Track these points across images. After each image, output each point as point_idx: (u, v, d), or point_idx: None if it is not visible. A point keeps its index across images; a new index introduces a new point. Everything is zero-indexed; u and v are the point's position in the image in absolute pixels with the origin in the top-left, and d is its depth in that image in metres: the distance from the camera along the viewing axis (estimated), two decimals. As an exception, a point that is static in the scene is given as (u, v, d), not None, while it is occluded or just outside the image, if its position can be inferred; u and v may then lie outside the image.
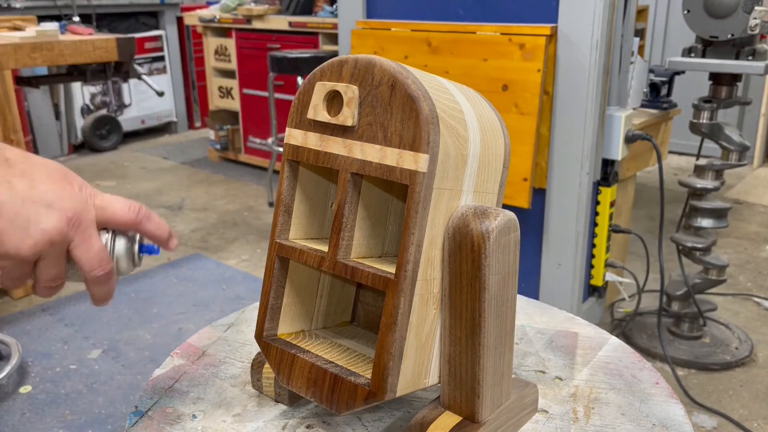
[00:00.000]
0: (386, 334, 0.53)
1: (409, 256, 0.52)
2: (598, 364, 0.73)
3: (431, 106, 0.52)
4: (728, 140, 2.04)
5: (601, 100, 1.83)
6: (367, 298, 0.69)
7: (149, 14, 5.38)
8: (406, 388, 0.55)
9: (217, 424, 0.63)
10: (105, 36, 2.29)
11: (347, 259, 0.57)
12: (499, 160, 0.61)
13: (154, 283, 2.79)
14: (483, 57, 1.86)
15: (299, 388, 0.58)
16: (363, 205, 0.58)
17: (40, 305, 2.60)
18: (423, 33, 1.98)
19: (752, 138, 4.27)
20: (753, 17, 1.81)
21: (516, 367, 0.73)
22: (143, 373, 2.14)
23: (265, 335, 0.61)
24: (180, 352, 0.75)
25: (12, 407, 1.97)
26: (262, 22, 4.07)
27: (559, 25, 1.78)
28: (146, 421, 0.63)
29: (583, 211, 1.90)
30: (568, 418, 0.63)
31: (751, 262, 2.95)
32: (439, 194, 0.54)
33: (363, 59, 0.55)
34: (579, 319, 0.84)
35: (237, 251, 3.13)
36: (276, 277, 0.61)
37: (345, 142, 0.56)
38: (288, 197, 0.61)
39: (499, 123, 0.62)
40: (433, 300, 0.56)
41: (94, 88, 4.83)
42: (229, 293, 2.69)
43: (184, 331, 2.38)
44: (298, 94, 0.60)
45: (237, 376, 0.71)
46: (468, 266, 0.54)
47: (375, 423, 0.63)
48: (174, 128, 5.53)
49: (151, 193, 4.00)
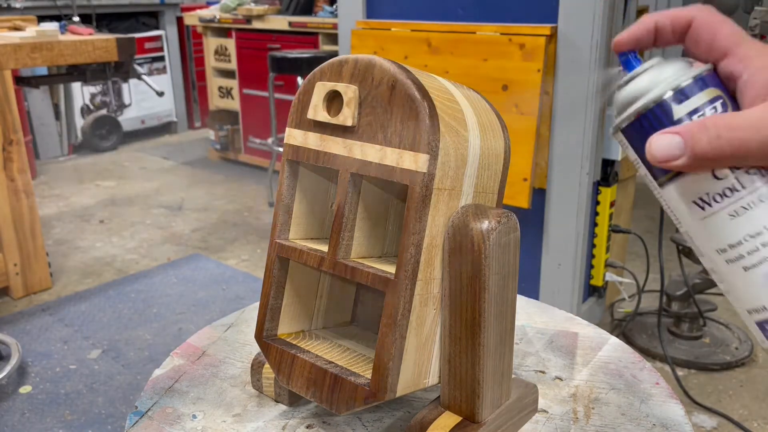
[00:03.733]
0: (386, 334, 0.53)
1: (408, 256, 0.52)
2: (598, 364, 0.73)
3: (431, 106, 0.52)
4: (728, 140, 2.05)
5: (601, 100, 1.83)
6: (367, 298, 0.69)
7: (149, 14, 5.38)
8: (406, 388, 0.55)
9: (217, 424, 0.63)
10: (105, 36, 2.29)
11: (347, 259, 0.57)
12: (499, 160, 0.61)
13: (154, 283, 2.79)
14: (483, 57, 1.86)
15: (299, 388, 0.58)
16: (363, 205, 0.58)
17: (40, 305, 2.60)
18: (423, 33, 1.98)
19: (752, 138, 4.27)
20: (753, 17, 1.81)
21: (516, 367, 0.73)
22: (143, 373, 2.14)
23: (265, 335, 0.61)
24: (180, 352, 0.75)
25: (12, 407, 1.97)
26: (262, 22, 4.07)
27: (559, 25, 1.78)
28: (146, 421, 0.63)
29: (583, 211, 1.90)
30: (568, 418, 0.63)
31: (751, 262, 2.95)
32: (439, 194, 0.54)
33: (363, 59, 0.55)
34: (579, 319, 0.84)
35: (237, 251, 3.13)
36: (276, 277, 0.61)
37: (345, 142, 0.56)
38: (288, 197, 0.61)
39: (499, 123, 0.62)
40: (433, 300, 0.56)
41: (94, 88, 4.83)
42: (229, 293, 2.69)
43: (184, 331, 2.38)
44: (298, 94, 0.60)
45: (237, 376, 0.71)
46: (468, 266, 0.54)
47: (375, 423, 0.63)
48: (174, 128, 5.53)
49: (151, 193, 4.00)
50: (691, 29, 0.45)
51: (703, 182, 0.43)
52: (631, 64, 0.46)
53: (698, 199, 0.43)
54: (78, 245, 3.21)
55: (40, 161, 4.63)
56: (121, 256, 3.07)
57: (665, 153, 0.41)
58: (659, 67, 0.44)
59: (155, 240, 3.27)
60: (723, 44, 0.43)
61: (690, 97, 0.42)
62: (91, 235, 3.33)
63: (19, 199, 2.58)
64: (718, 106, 0.42)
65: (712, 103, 0.43)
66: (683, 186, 0.44)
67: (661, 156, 0.41)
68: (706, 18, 0.44)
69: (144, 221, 3.52)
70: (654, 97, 0.43)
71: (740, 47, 0.43)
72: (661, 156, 0.41)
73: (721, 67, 0.44)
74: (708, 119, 0.40)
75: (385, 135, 0.53)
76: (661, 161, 0.41)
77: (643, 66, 0.45)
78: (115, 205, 3.78)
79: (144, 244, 3.22)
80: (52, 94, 4.71)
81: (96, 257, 3.06)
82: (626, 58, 0.46)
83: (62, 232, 3.37)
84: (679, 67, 0.44)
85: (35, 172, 4.27)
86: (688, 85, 0.43)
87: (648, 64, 0.45)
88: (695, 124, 0.41)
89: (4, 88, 2.50)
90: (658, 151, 0.41)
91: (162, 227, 3.44)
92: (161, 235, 3.33)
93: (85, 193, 4.00)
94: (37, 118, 4.62)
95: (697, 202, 0.44)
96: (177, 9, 5.37)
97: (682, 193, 0.44)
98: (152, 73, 5.15)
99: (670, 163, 0.41)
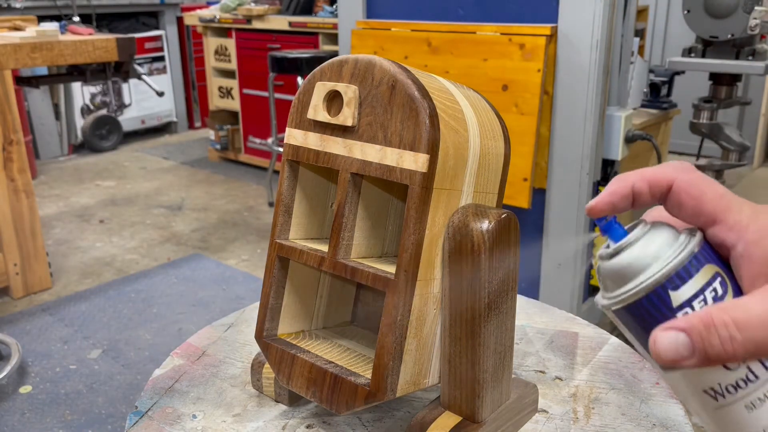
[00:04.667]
0: (386, 334, 0.53)
1: (408, 256, 0.52)
2: (598, 364, 0.73)
3: (431, 106, 0.52)
4: (728, 140, 2.04)
5: (601, 100, 1.83)
6: (367, 298, 0.69)
7: (149, 14, 5.38)
8: (406, 388, 0.55)
9: (217, 424, 0.63)
10: (105, 36, 2.29)
11: (347, 259, 0.57)
12: (499, 160, 0.61)
13: (154, 283, 2.79)
14: (483, 57, 1.86)
15: (299, 388, 0.58)
16: (363, 205, 0.58)
17: (40, 305, 2.60)
18: (423, 33, 1.98)
19: (752, 138, 4.27)
20: (753, 17, 1.81)
21: (516, 367, 0.72)
22: (143, 373, 2.14)
23: (265, 335, 0.61)
24: (180, 352, 0.75)
25: (12, 407, 1.97)
26: (262, 22, 4.07)
27: (559, 25, 1.78)
28: (146, 421, 0.63)
29: (583, 211, 1.90)
30: (568, 418, 0.63)
31: (751, 262, 2.95)
32: (439, 194, 0.54)
33: (363, 59, 0.55)
34: (579, 319, 0.84)
35: (237, 251, 3.13)
36: (276, 277, 0.61)
37: (345, 142, 0.56)
38: (288, 197, 0.61)
39: (499, 123, 0.62)
40: (433, 300, 0.56)
41: (94, 88, 4.83)
42: (229, 293, 2.69)
43: (184, 331, 2.38)
44: (298, 94, 0.60)
45: (237, 376, 0.71)
46: (468, 266, 0.54)
47: (375, 423, 0.63)
48: (174, 128, 5.53)
49: (151, 193, 4.00)
50: (671, 193, 0.42)
51: (714, 373, 0.39)
52: (614, 230, 0.42)
53: (709, 389, 0.40)
54: (78, 245, 3.21)
55: (40, 161, 4.63)
56: (121, 256, 3.07)
57: (672, 353, 0.37)
58: (647, 239, 0.40)
59: (155, 240, 3.27)
60: (710, 210, 0.40)
61: (687, 281, 0.39)
62: (91, 235, 3.33)
63: (19, 199, 2.58)
64: (718, 287, 0.39)
65: (711, 283, 0.39)
66: (691, 376, 0.40)
67: (669, 357, 0.37)
68: (687, 181, 0.41)
69: (144, 221, 3.52)
70: (648, 285, 0.39)
71: (730, 213, 0.40)
72: (669, 357, 0.37)
73: (711, 234, 0.41)
74: (714, 315, 0.37)
75: (385, 135, 0.53)
76: (668, 362, 0.38)
77: (629, 238, 0.41)
78: (115, 205, 3.78)
79: (144, 244, 3.22)
80: (52, 94, 4.71)
81: (96, 257, 3.06)
82: (607, 224, 0.42)
83: (62, 232, 3.37)
84: (669, 239, 0.40)
85: (35, 172, 4.27)
86: (683, 267, 0.39)
87: (633, 235, 0.41)
88: (701, 322, 0.37)
89: (4, 88, 2.50)
90: (665, 351, 0.38)
91: (162, 227, 3.44)
92: (161, 235, 3.33)
93: (85, 193, 4.00)
94: (37, 118, 4.62)
95: (708, 392, 0.40)
96: (177, 9, 5.37)
97: (690, 382, 0.41)
98: (152, 73, 5.15)
99: (679, 363, 0.38)
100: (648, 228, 0.41)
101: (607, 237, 0.42)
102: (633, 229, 0.42)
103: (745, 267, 0.39)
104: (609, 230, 0.42)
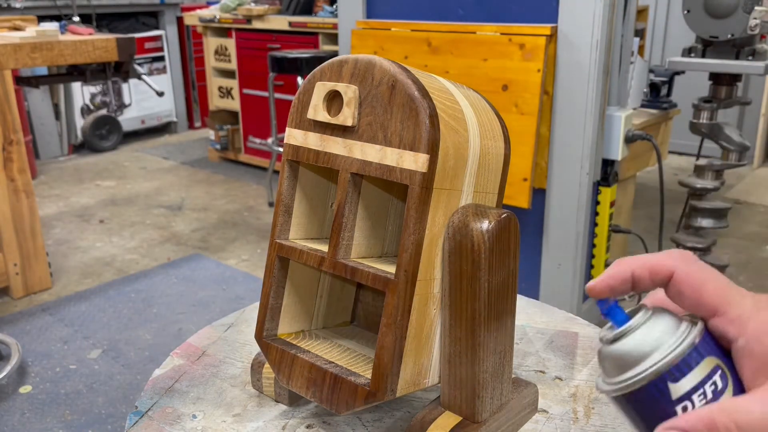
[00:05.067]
0: (386, 334, 0.53)
1: (408, 256, 0.52)
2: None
3: (431, 106, 0.52)
4: (728, 140, 2.04)
5: (601, 100, 1.83)
6: (367, 298, 0.69)
7: (149, 14, 5.38)
8: (406, 388, 0.55)
9: (217, 424, 0.63)
10: (105, 36, 2.29)
11: (347, 259, 0.57)
12: (499, 160, 0.61)
13: (154, 283, 2.79)
14: (483, 57, 1.86)
15: (299, 388, 0.58)
16: (363, 205, 0.58)
17: (40, 305, 2.60)
18: (423, 33, 1.98)
19: (752, 138, 4.27)
20: (753, 17, 1.81)
21: (516, 367, 0.72)
22: (143, 373, 2.14)
23: (265, 335, 0.61)
24: (180, 352, 0.75)
25: (12, 407, 1.97)
26: (262, 22, 4.07)
27: (559, 25, 1.78)
28: (146, 421, 0.63)
29: (583, 211, 1.90)
30: (568, 418, 0.63)
31: (751, 262, 2.95)
32: (439, 194, 0.54)
33: (363, 59, 0.55)
34: (579, 319, 0.84)
35: (237, 251, 3.13)
36: (276, 277, 0.61)
37: (345, 142, 0.56)
38: (288, 197, 0.61)
39: (499, 123, 0.62)
40: (433, 300, 0.56)
41: (94, 88, 4.83)
42: (229, 293, 2.69)
43: (184, 331, 2.38)
44: (298, 94, 0.60)
45: (237, 376, 0.71)
46: (468, 266, 0.54)
47: (375, 423, 0.63)
48: (174, 128, 5.53)
49: (151, 193, 4.00)
50: (672, 282, 0.42)
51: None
52: (615, 314, 0.42)
53: None
54: (78, 245, 3.21)
55: (40, 161, 4.63)
56: (121, 256, 3.07)
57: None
58: (648, 327, 0.41)
59: (155, 240, 3.27)
60: (710, 302, 0.41)
61: (687, 374, 0.39)
62: (91, 235, 3.33)
63: (19, 199, 2.58)
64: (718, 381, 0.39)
65: (711, 376, 0.39)
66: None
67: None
68: (687, 271, 0.41)
69: (144, 221, 3.52)
70: (647, 375, 0.39)
71: (731, 306, 0.40)
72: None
73: (712, 325, 0.41)
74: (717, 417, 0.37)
75: (385, 135, 0.53)
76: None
77: (630, 325, 0.41)
78: (115, 205, 3.78)
79: (144, 244, 3.22)
80: (52, 94, 4.71)
81: (96, 257, 3.06)
82: (609, 308, 0.42)
83: (62, 232, 3.37)
84: (670, 328, 0.40)
85: (35, 172, 4.27)
86: (683, 359, 0.39)
87: (635, 321, 0.41)
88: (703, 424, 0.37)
89: (4, 88, 2.50)
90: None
91: (162, 227, 3.44)
92: (161, 235, 3.33)
93: (85, 193, 4.00)
94: (37, 118, 4.62)
95: None
96: (177, 9, 5.37)
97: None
98: (152, 73, 5.15)
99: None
100: (649, 315, 0.41)
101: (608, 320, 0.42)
102: (635, 314, 0.42)
103: (747, 362, 0.39)
104: (610, 314, 0.42)
